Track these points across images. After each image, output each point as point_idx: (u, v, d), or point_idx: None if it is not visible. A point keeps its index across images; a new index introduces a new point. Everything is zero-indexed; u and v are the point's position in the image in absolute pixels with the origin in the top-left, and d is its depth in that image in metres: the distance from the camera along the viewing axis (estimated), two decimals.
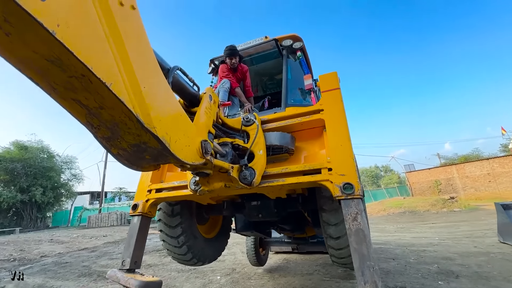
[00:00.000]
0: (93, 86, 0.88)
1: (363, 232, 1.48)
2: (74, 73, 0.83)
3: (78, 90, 0.89)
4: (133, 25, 1.04)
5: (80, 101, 0.94)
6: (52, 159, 23.60)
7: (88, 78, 0.84)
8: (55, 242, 10.61)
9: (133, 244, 2.03)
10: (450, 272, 3.98)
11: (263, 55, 3.39)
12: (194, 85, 1.68)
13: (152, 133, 1.04)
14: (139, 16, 1.08)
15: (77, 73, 0.83)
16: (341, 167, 1.71)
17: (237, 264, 5.58)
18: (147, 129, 1.02)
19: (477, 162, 22.79)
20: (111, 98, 0.91)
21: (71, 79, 0.85)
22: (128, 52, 0.97)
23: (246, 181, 1.79)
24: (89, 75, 0.83)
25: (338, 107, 1.98)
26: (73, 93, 0.91)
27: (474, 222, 9.63)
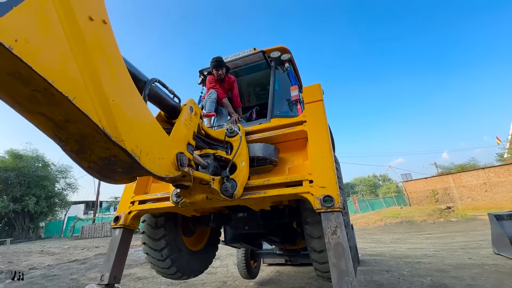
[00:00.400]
0: (57, 100, 0.87)
1: (342, 246, 1.46)
2: (36, 87, 0.83)
3: (42, 103, 0.89)
4: (104, 39, 1.04)
5: (46, 114, 0.93)
6: (47, 168, 23.35)
7: (50, 92, 0.84)
8: (45, 254, 10.35)
9: (113, 257, 1.98)
10: (443, 285, 3.91)
11: (251, 67, 3.44)
12: (174, 97, 1.68)
13: (120, 146, 1.03)
14: (110, 30, 1.09)
15: (39, 87, 0.83)
16: (321, 179, 1.70)
17: (229, 276, 5.46)
18: (115, 142, 1.02)
19: (473, 172, 22.87)
20: (76, 112, 0.91)
21: (34, 92, 0.85)
22: (96, 66, 0.98)
23: (227, 193, 1.77)
24: (51, 89, 0.83)
25: (320, 118, 1.99)
26: (38, 107, 0.90)
27: (470, 233, 9.56)
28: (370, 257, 6.70)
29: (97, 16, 1.02)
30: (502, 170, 20.94)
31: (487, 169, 22.01)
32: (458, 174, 23.98)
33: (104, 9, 1.07)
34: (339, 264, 1.41)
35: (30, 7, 0.78)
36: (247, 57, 3.24)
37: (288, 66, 3.15)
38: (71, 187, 25.41)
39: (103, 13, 1.05)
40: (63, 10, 0.89)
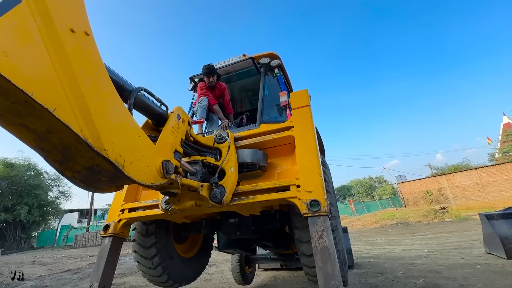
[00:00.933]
0: (37, 112, 0.88)
1: (329, 250, 1.48)
2: (16, 99, 0.84)
3: (23, 115, 0.90)
4: (85, 51, 1.06)
5: (27, 126, 0.94)
6: (39, 176, 22.96)
7: (30, 104, 0.85)
8: (37, 264, 10.12)
9: (103, 266, 1.96)
10: (436, 285, 3.94)
11: (241, 73, 3.48)
12: (161, 105, 1.70)
13: (103, 156, 1.04)
14: (93, 41, 1.11)
15: (19, 99, 0.84)
16: (308, 184, 1.73)
17: (224, 283, 5.41)
18: (98, 152, 1.02)
19: (466, 172, 23.20)
20: (56, 123, 0.92)
21: (14, 105, 0.86)
22: (77, 77, 0.99)
23: (216, 199, 1.78)
24: (30, 101, 0.84)
25: (307, 124, 2.02)
26: (19, 118, 0.91)
27: (463, 233, 9.66)
28: (365, 259, 6.72)
29: (79, 28, 1.03)
30: (493, 170, 21.29)
31: (479, 169, 22.36)
32: (452, 174, 24.30)
33: (86, 21, 1.08)
34: (326, 268, 1.43)
35: (9, 20, 0.80)
36: (237, 63, 3.28)
37: (277, 72, 3.20)
38: (64, 195, 25.03)
39: (85, 25, 1.07)
40: (44, 23, 0.90)
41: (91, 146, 1.00)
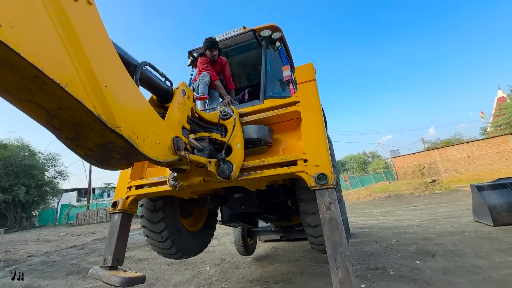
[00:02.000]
0: (48, 87, 0.85)
1: (336, 221, 1.54)
2: (25, 75, 0.81)
3: (33, 91, 0.87)
4: (90, 21, 1.00)
5: (37, 103, 0.91)
6: (34, 157, 22.74)
7: (41, 79, 0.82)
8: (42, 241, 10.41)
9: (115, 241, 2.02)
10: (427, 251, 4.21)
11: (242, 46, 3.35)
12: (166, 80, 1.65)
13: (117, 132, 1.03)
14: (96, 11, 1.05)
15: (29, 75, 0.81)
16: (315, 158, 1.75)
17: (227, 254, 5.68)
18: (111, 129, 1.01)
19: (458, 146, 23.74)
20: (68, 99, 0.89)
21: (23, 80, 0.82)
22: (85, 50, 0.94)
23: (224, 175, 1.80)
24: (41, 76, 0.80)
25: (313, 98, 2.00)
26: (29, 95, 0.88)
27: (453, 203, 10.13)
28: (360, 229, 7.06)
29: None
30: (484, 144, 21.82)
31: (471, 143, 22.88)
32: (444, 148, 24.87)
33: None
34: (333, 236, 1.50)
35: None
36: (237, 36, 3.15)
37: (279, 45, 3.09)
38: (61, 175, 25.03)
39: None
40: None
41: (104, 122, 0.98)
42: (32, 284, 4.64)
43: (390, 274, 3.40)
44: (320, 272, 3.80)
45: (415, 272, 3.36)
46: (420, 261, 3.77)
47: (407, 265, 3.67)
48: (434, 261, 3.71)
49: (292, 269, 4.13)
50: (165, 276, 4.43)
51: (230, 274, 4.21)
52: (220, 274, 4.24)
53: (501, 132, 23.37)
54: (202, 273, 4.36)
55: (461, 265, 3.44)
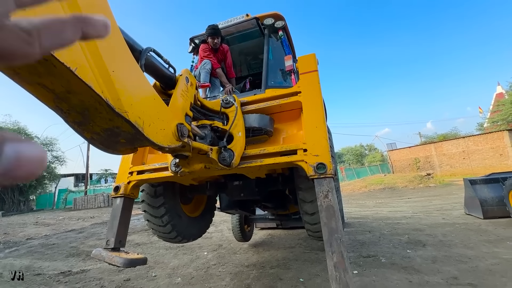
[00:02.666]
0: (58, 71, 0.87)
1: (333, 208, 1.60)
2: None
3: (42, 74, 0.88)
4: (98, 5, 1.00)
5: (46, 86, 0.93)
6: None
7: (51, 62, 0.83)
8: (40, 225, 10.53)
9: (117, 224, 2.08)
10: (418, 241, 4.35)
11: (244, 34, 3.32)
12: (169, 67, 1.66)
13: (124, 117, 1.05)
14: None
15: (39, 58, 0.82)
16: (315, 148, 1.79)
17: (224, 240, 5.82)
18: (119, 113, 1.03)
19: (454, 141, 23.96)
20: (77, 83, 0.91)
21: (34, 63, 0.84)
22: None
23: (225, 162, 1.84)
24: (51, 60, 0.82)
25: (315, 89, 2.02)
26: (38, 78, 0.90)
27: (446, 196, 10.35)
28: (355, 219, 7.23)
29: None
30: (480, 139, 22.04)
31: (467, 138, 23.09)
32: (440, 143, 25.09)
33: None
34: (330, 223, 1.56)
35: None
36: (240, 24, 3.11)
37: (282, 34, 3.07)
38: (58, 160, 24.97)
39: None
40: None
41: (112, 107, 1.00)
42: (32, 265, 4.75)
43: (382, 261, 3.53)
44: (314, 259, 3.93)
45: (406, 260, 3.49)
46: (411, 250, 3.91)
47: (398, 253, 3.80)
48: (425, 251, 3.85)
49: (287, 255, 4.26)
50: (164, 260, 4.55)
51: (227, 259, 4.34)
52: (218, 259, 4.37)
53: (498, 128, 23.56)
54: (200, 258, 4.49)
55: (450, 254, 3.58)
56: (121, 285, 3.45)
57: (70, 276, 4.00)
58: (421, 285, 2.76)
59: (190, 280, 3.49)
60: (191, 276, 3.62)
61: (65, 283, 3.71)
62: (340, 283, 1.40)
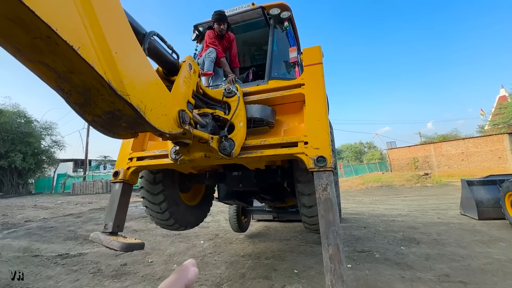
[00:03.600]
0: (60, 49, 0.85)
1: (331, 201, 1.61)
2: (38, 35, 0.80)
3: (44, 52, 0.87)
4: None
5: (48, 64, 0.91)
6: (30, 125, 22.52)
7: (53, 40, 0.82)
8: (39, 208, 10.60)
9: (115, 209, 2.09)
10: (413, 239, 4.40)
11: (249, 24, 3.26)
12: (173, 53, 1.63)
13: (126, 100, 1.04)
14: None
15: (41, 35, 0.80)
16: (316, 141, 1.79)
17: (220, 230, 5.88)
18: (121, 96, 1.02)
19: (454, 142, 23.95)
20: (80, 63, 0.89)
21: (36, 40, 0.82)
22: (96, 14, 0.93)
23: (225, 151, 1.84)
24: (54, 37, 0.80)
25: (318, 82, 2.00)
26: (39, 55, 0.88)
27: (442, 196, 10.43)
28: (351, 215, 7.30)
29: None
30: (480, 141, 22.03)
31: (467, 139, 23.08)
32: (440, 143, 25.09)
33: None
34: (327, 216, 1.57)
35: None
36: (245, 12, 3.06)
37: (287, 25, 3.02)
38: (57, 144, 24.94)
39: None
40: None
41: (114, 89, 0.99)
42: (30, 246, 4.81)
43: (376, 257, 3.58)
44: (309, 252, 3.98)
45: (399, 257, 3.54)
46: (405, 247, 3.96)
47: (392, 250, 3.85)
48: (418, 248, 3.90)
49: (283, 247, 4.31)
50: (160, 246, 4.60)
51: (223, 248, 4.39)
52: (214, 248, 4.42)
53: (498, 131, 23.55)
54: (196, 246, 4.54)
55: (443, 253, 3.63)
56: (117, 269, 3.50)
57: (67, 258, 4.05)
58: (413, 281, 2.81)
59: None
60: None
61: (63, 265, 3.76)
62: (334, 274, 1.41)
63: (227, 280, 3.04)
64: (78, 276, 3.32)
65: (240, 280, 3.04)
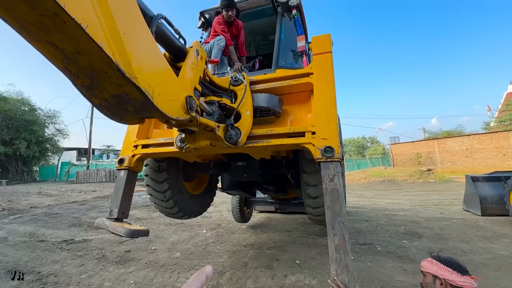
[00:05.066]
0: (68, 28, 0.82)
1: (338, 192, 1.59)
2: (45, 11, 0.78)
3: (51, 31, 0.84)
4: None
5: (55, 44, 0.89)
6: (34, 112, 22.62)
7: (61, 17, 0.79)
8: (43, 195, 10.76)
9: (120, 196, 2.09)
10: (415, 233, 4.41)
11: (256, 12, 3.18)
12: (180, 38, 1.59)
13: (134, 83, 1.02)
14: None
15: (49, 12, 0.78)
16: (324, 131, 1.76)
17: (223, 220, 5.94)
18: (129, 79, 1.00)
19: (458, 138, 23.71)
20: (88, 43, 0.87)
21: (43, 17, 0.80)
22: None
23: (231, 140, 1.82)
24: (62, 14, 0.78)
25: (327, 71, 1.96)
26: (46, 34, 0.85)
27: (445, 192, 10.40)
28: (353, 209, 7.31)
29: None
30: (485, 138, 21.78)
31: (472, 136, 22.82)
32: (444, 139, 24.85)
33: None
34: (334, 206, 1.56)
35: None
36: (253, 0, 2.98)
37: (295, 13, 2.94)
38: (61, 133, 25.09)
39: None
40: None
41: (122, 71, 0.97)
42: (36, 232, 4.89)
43: (378, 249, 3.60)
44: (311, 243, 4.00)
45: (401, 250, 3.55)
46: (407, 241, 3.97)
47: (394, 243, 3.87)
48: (420, 242, 3.91)
49: (284, 238, 4.34)
50: (164, 235, 4.66)
51: (225, 237, 4.44)
52: (216, 237, 4.47)
53: (504, 128, 23.25)
54: (199, 235, 4.59)
55: (445, 247, 3.63)
56: (122, 256, 3.56)
57: (72, 244, 4.12)
58: (415, 273, 2.82)
59: (189, 255, 3.58)
60: (190, 252, 3.71)
61: (68, 250, 3.83)
62: (340, 264, 1.41)
63: (230, 269, 3.07)
64: (83, 261, 3.38)
65: (242, 269, 3.07)
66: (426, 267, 1.47)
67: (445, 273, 1.37)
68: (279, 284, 2.68)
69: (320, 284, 2.62)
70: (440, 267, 1.40)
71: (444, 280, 1.36)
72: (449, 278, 1.34)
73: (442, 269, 1.39)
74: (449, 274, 1.36)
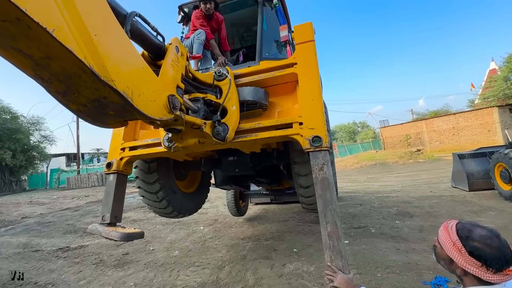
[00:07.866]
0: (33, 33, 0.79)
1: (328, 181, 1.62)
2: (6, 17, 0.73)
3: (16, 37, 0.80)
4: None
5: (22, 50, 0.85)
6: (16, 120, 21.81)
7: (25, 22, 0.75)
8: (35, 204, 10.52)
9: (111, 200, 2.06)
10: (407, 213, 4.55)
11: (237, 2, 3.12)
12: (158, 35, 1.55)
13: (110, 86, 0.99)
14: None
15: (10, 17, 0.74)
16: (311, 121, 1.77)
17: (219, 215, 5.96)
18: (105, 82, 0.97)
19: (445, 117, 24.26)
20: (57, 47, 0.83)
21: (5, 23, 0.75)
22: None
23: (219, 136, 1.81)
24: (25, 19, 0.74)
25: (311, 60, 1.95)
26: (12, 41, 0.81)
27: (434, 171, 10.71)
28: (346, 194, 7.46)
29: None
30: (470, 115, 22.36)
31: (458, 114, 23.37)
32: (431, 119, 25.39)
33: None
34: (325, 195, 1.58)
35: None
36: None
37: (276, 2, 2.90)
38: (47, 139, 24.37)
39: None
40: None
41: (97, 75, 0.94)
42: (30, 242, 4.80)
43: (372, 232, 3.70)
44: (307, 231, 4.08)
45: (394, 230, 3.66)
46: (399, 221, 4.09)
47: (387, 224, 3.98)
48: (412, 221, 4.04)
49: (281, 228, 4.41)
50: (161, 234, 4.66)
51: (223, 232, 4.47)
52: (214, 232, 4.50)
53: (488, 104, 23.88)
54: (196, 232, 4.61)
55: (436, 224, 3.76)
56: (120, 259, 3.55)
57: (68, 251, 4.07)
58: (408, 252, 2.92)
59: (188, 252, 3.60)
60: (189, 249, 3.73)
61: (64, 258, 3.78)
62: (333, 250, 1.44)
63: (229, 263, 3.11)
64: (81, 268, 3.35)
65: (241, 261, 3.11)
66: (445, 245, 0.98)
67: (471, 267, 0.90)
68: (278, 273, 2.74)
69: (318, 270, 2.69)
70: (466, 259, 0.91)
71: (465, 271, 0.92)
72: (475, 274, 0.90)
73: (468, 263, 0.90)
74: (476, 269, 0.89)
